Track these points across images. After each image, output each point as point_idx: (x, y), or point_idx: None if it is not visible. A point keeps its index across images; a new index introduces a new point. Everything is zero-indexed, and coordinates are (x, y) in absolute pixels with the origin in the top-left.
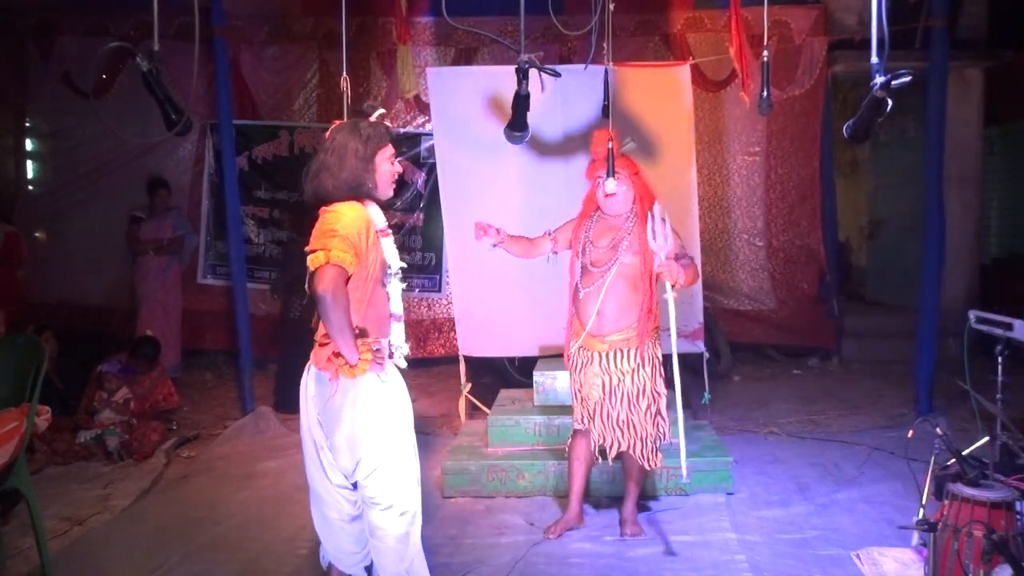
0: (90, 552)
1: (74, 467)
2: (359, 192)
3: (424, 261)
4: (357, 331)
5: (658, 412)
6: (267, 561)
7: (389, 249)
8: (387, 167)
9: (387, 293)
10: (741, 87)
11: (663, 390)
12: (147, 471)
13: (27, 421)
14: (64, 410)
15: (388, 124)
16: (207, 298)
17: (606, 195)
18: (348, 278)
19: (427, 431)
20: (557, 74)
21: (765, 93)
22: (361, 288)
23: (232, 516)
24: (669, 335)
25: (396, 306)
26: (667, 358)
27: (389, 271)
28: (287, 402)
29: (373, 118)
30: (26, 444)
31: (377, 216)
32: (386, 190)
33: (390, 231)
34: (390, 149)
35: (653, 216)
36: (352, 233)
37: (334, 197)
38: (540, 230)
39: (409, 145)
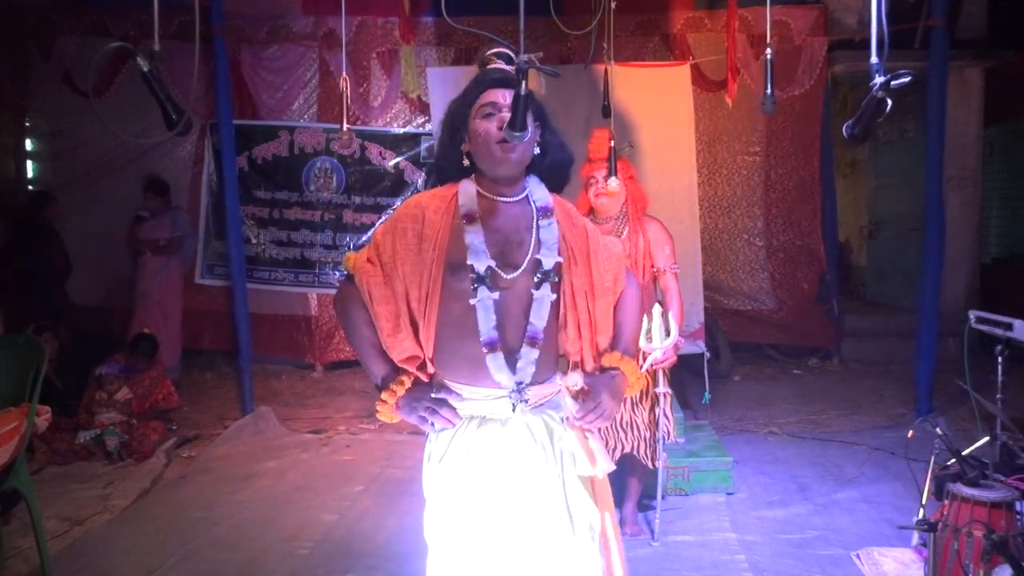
0: (90, 552)
1: (74, 467)
2: (447, 176)
3: None
4: (431, 373)
5: (663, 412)
6: (267, 561)
7: (473, 241)
8: (480, 127)
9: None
10: (727, 92)
11: (668, 390)
12: (147, 471)
13: (27, 421)
14: (64, 410)
15: (497, 62)
16: (206, 298)
17: (598, 194)
18: (376, 285)
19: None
20: (557, 74)
21: (769, 91)
22: (408, 301)
23: (232, 516)
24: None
25: (484, 327)
26: (680, 359)
27: (472, 276)
28: None
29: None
30: (26, 444)
31: (465, 196)
32: (485, 159)
33: (476, 217)
34: (487, 97)
35: (651, 316)
36: (386, 226)
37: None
38: None
39: (409, 145)
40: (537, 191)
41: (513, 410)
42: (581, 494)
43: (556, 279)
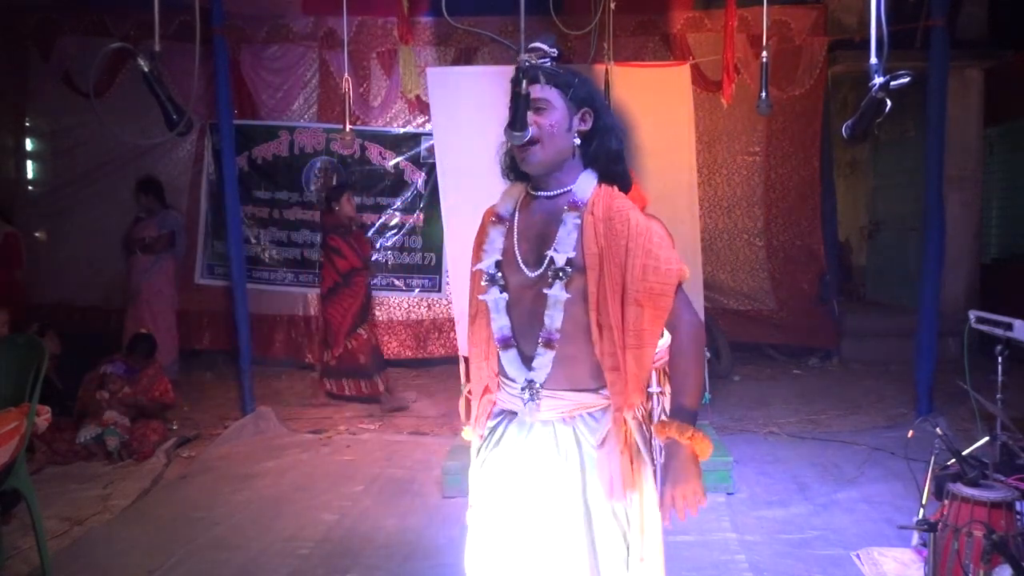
0: (90, 552)
1: (74, 467)
2: (507, 171)
3: (424, 261)
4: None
5: (663, 411)
6: (267, 561)
7: (490, 241)
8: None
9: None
10: (723, 94)
11: (667, 390)
12: (147, 471)
13: (27, 421)
14: (64, 410)
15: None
16: (205, 298)
17: None
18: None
19: (427, 431)
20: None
21: (764, 94)
22: (471, 304)
23: (232, 516)
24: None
25: (495, 324)
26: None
27: (485, 275)
28: None
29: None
30: (26, 444)
31: (503, 198)
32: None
33: (507, 217)
34: (538, 91)
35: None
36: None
37: None
38: None
39: (409, 145)
40: (583, 185)
41: (524, 406)
42: (603, 510)
43: (567, 277)
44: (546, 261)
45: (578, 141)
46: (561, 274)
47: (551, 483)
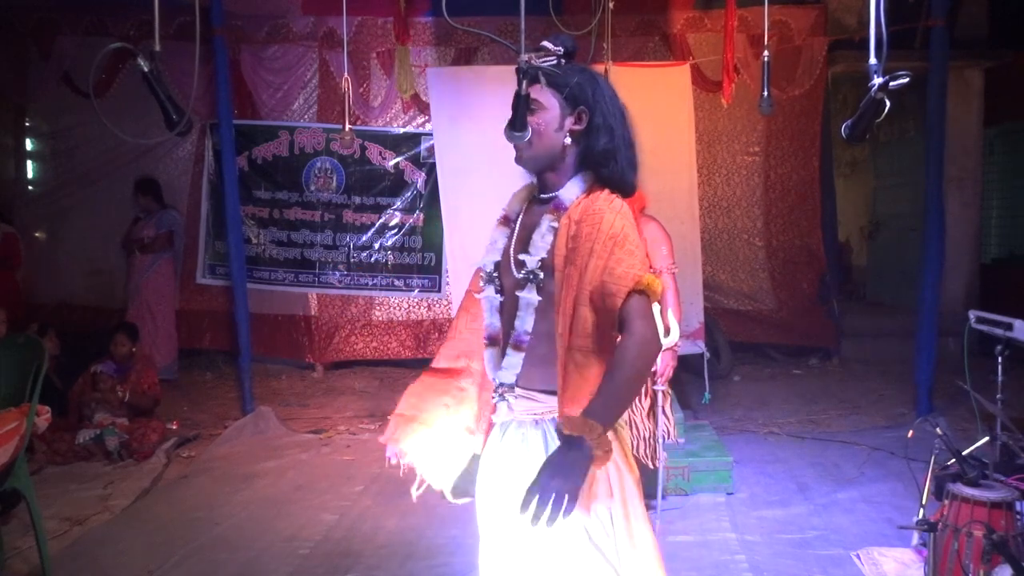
0: (90, 552)
1: (74, 467)
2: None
3: (424, 261)
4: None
5: (662, 411)
6: (267, 561)
7: (490, 241)
8: None
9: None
10: (723, 94)
11: (667, 389)
12: (147, 471)
13: (27, 421)
14: (64, 410)
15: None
16: (206, 298)
17: None
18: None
19: None
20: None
21: (766, 93)
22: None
23: (232, 516)
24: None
25: (487, 321)
26: (681, 359)
27: (482, 274)
28: None
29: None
30: (26, 444)
31: (511, 201)
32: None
33: (513, 219)
34: (534, 91)
35: None
36: None
37: None
38: None
39: (409, 145)
40: (569, 189)
41: (496, 406)
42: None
43: (538, 280)
44: (489, 260)
45: (568, 140)
46: (532, 276)
47: (516, 487)
